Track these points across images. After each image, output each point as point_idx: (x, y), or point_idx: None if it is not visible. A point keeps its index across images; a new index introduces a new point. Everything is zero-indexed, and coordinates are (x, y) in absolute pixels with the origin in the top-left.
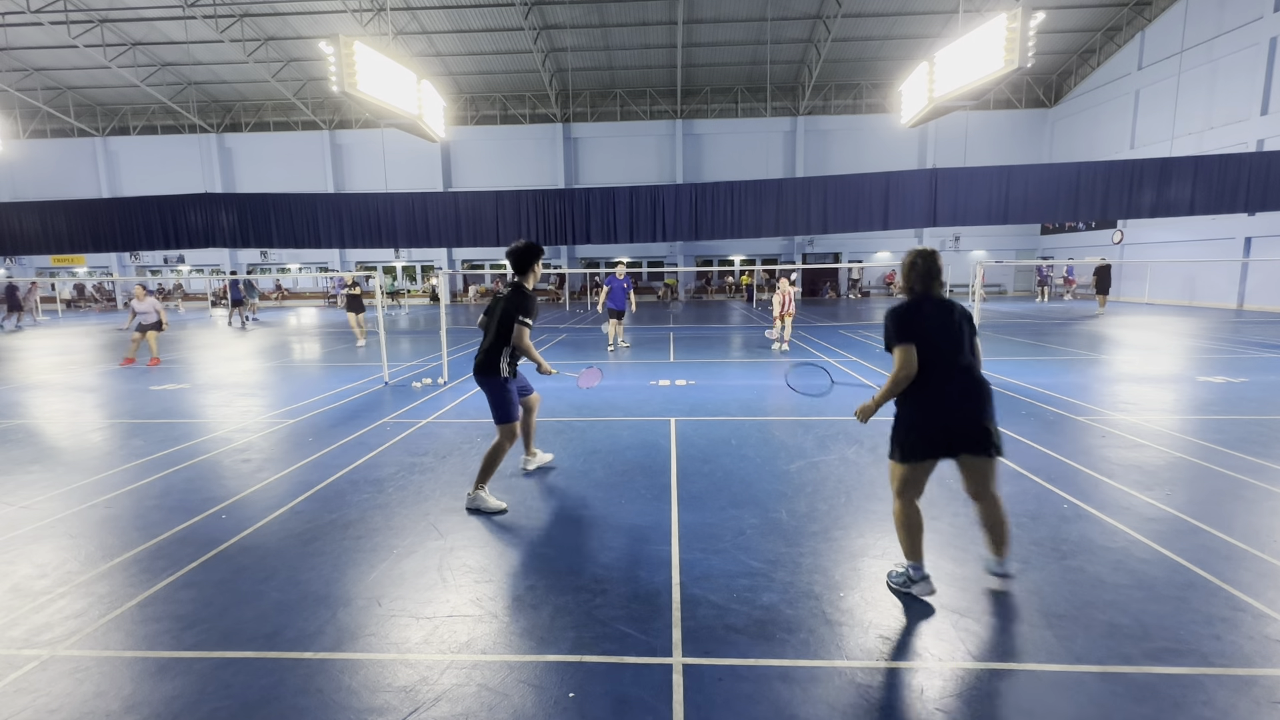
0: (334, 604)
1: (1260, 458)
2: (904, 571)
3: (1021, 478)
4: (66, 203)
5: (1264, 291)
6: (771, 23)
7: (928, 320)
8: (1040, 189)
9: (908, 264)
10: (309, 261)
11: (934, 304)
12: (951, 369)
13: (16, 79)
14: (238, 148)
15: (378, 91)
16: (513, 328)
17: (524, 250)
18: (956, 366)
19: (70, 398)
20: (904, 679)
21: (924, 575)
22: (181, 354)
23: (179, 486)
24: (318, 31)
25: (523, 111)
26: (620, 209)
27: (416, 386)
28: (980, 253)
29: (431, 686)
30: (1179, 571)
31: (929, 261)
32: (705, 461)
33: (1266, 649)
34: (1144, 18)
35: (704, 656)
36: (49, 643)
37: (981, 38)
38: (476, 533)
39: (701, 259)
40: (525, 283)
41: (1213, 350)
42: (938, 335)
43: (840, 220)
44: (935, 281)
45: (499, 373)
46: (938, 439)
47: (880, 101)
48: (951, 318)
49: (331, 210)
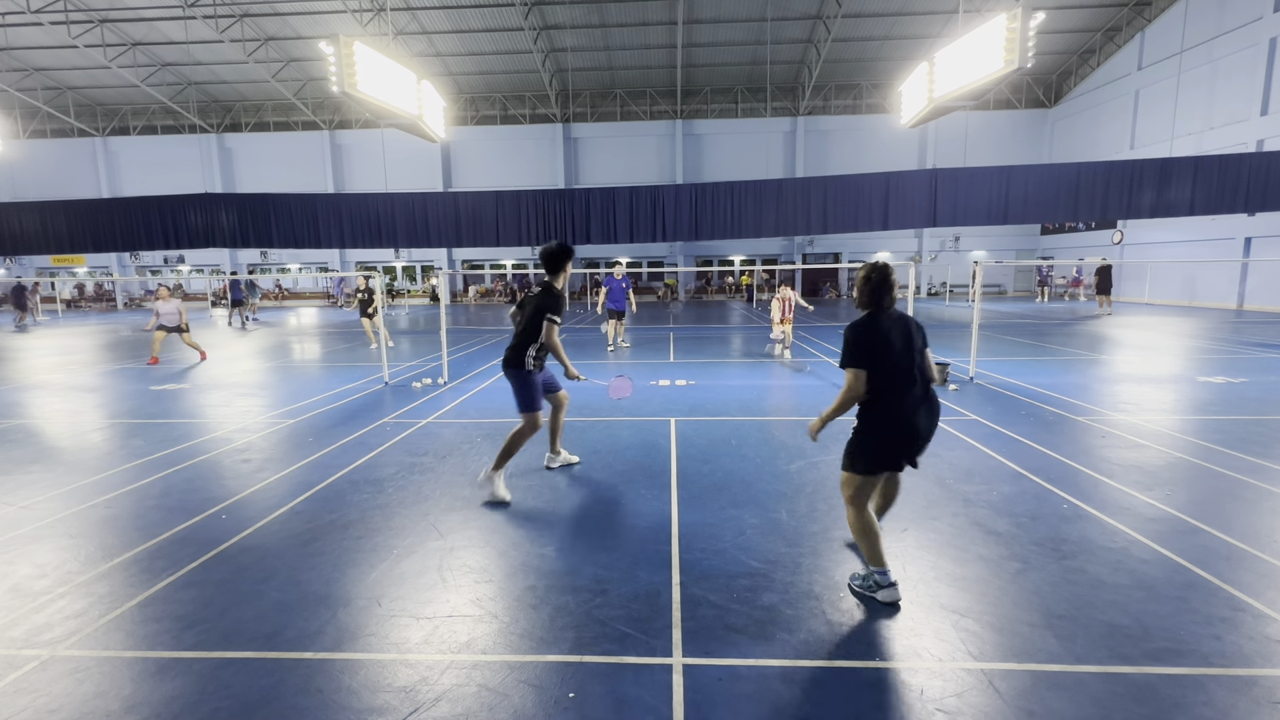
0: (334, 604)
1: (1260, 458)
2: (868, 576)
3: (1021, 478)
4: (66, 203)
5: (1264, 291)
6: (771, 23)
7: (884, 339)
8: (1040, 189)
9: (862, 278)
10: (309, 261)
11: (890, 320)
12: (910, 384)
13: (16, 79)
14: (238, 148)
15: (378, 92)
16: (542, 325)
17: (556, 251)
18: (914, 381)
19: (70, 398)
20: (904, 679)
21: (891, 581)
22: (181, 354)
23: (179, 486)
24: (318, 31)
25: (523, 111)
26: (620, 209)
27: (416, 387)
28: (980, 253)
29: (431, 687)
30: (1179, 572)
31: (883, 274)
32: (705, 461)
33: (1266, 649)
34: (1144, 18)
35: (704, 656)
36: (49, 643)
37: (981, 38)
38: (476, 533)
39: (701, 259)
40: (555, 282)
41: (1213, 350)
42: (894, 353)
43: (840, 220)
44: (889, 295)
45: (524, 365)
46: (900, 452)
47: (880, 101)
48: (907, 332)
49: (331, 210)
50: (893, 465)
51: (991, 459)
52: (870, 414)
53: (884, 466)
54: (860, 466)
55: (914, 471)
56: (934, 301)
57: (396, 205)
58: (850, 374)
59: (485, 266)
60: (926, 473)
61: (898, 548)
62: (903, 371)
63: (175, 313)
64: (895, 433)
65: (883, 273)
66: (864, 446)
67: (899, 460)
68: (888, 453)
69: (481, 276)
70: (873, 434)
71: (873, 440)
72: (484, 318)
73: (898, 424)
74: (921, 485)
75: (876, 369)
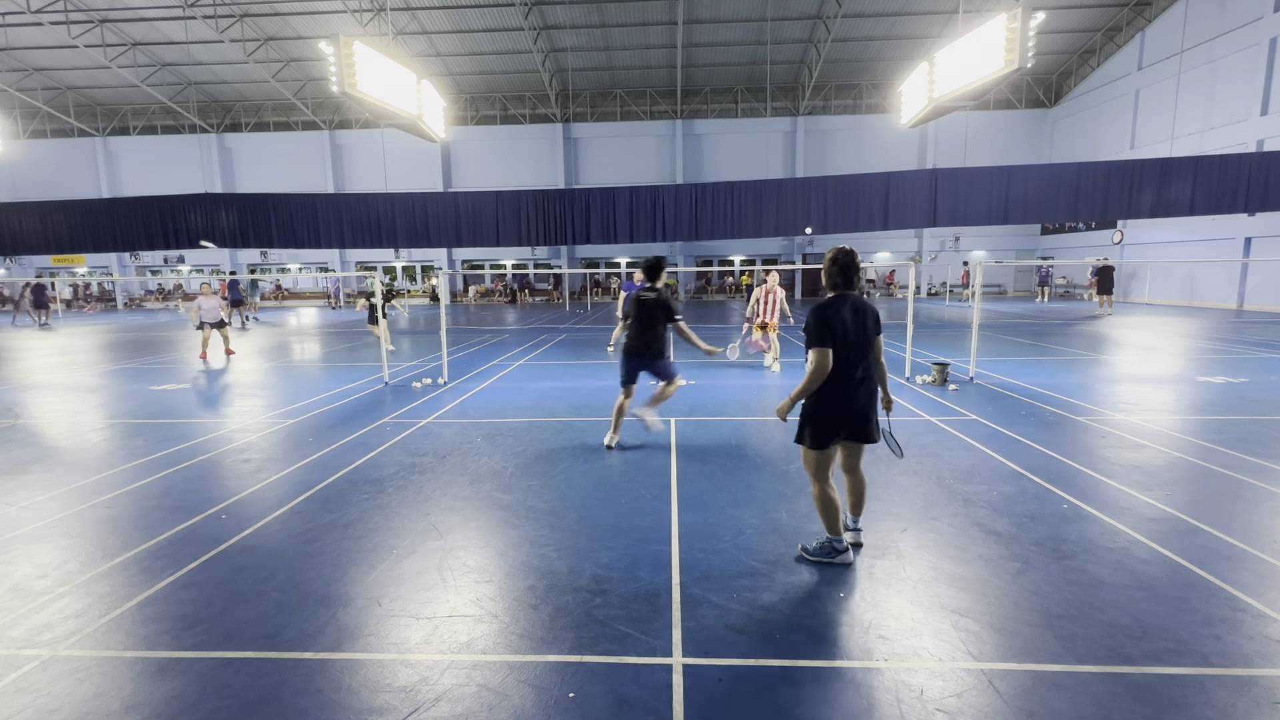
0: (334, 604)
1: (1260, 458)
2: (825, 544)
3: (1021, 478)
4: (66, 203)
5: (1264, 291)
6: (771, 23)
7: (845, 321)
8: (1040, 189)
9: (829, 260)
10: (309, 261)
11: (851, 304)
12: (857, 366)
13: (16, 79)
14: (238, 148)
15: (378, 92)
16: (674, 324)
17: (655, 263)
18: (860, 364)
19: (71, 398)
20: (904, 679)
21: (845, 547)
22: (182, 354)
23: (179, 486)
24: (318, 31)
25: (523, 111)
26: (620, 209)
27: (416, 387)
28: (980, 253)
29: (431, 687)
30: (1179, 572)
31: (849, 258)
32: (705, 462)
33: (1266, 649)
34: (1144, 18)
35: (704, 656)
36: (49, 643)
37: (981, 38)
38: (476, 533)
39: (701, 259)
40: (658, 284)
41: (1213, 350)
42: (850, 335)
43: (840, 220)
44: (855, 277)
45: (665, 353)
46: (841, 427)
47: (880, 101)
48: (863, 318)
49: (331, 210)
50: (835, 440)
51: (991, 459)
52: (816, 393)
53: (830, 440)
54: (809, 441)
55: (914, 471)
56: (934, 301)
57: (396, 205)
58: (817, 354)
59: (485, 266)
60: (927, 473)
61: (897, 548)
62: (851, 353)
63: (216, 309)
64: (835, 409)
65: (849, 256)
66: (810, 421)
67: (839, 436)
68: (832, 427)
69: (481, 276)
70: (818, 409)
71: (818, 415)
72: (484, 318)
73: (837, 401)
74: (921, 485)
75: (834, 348)
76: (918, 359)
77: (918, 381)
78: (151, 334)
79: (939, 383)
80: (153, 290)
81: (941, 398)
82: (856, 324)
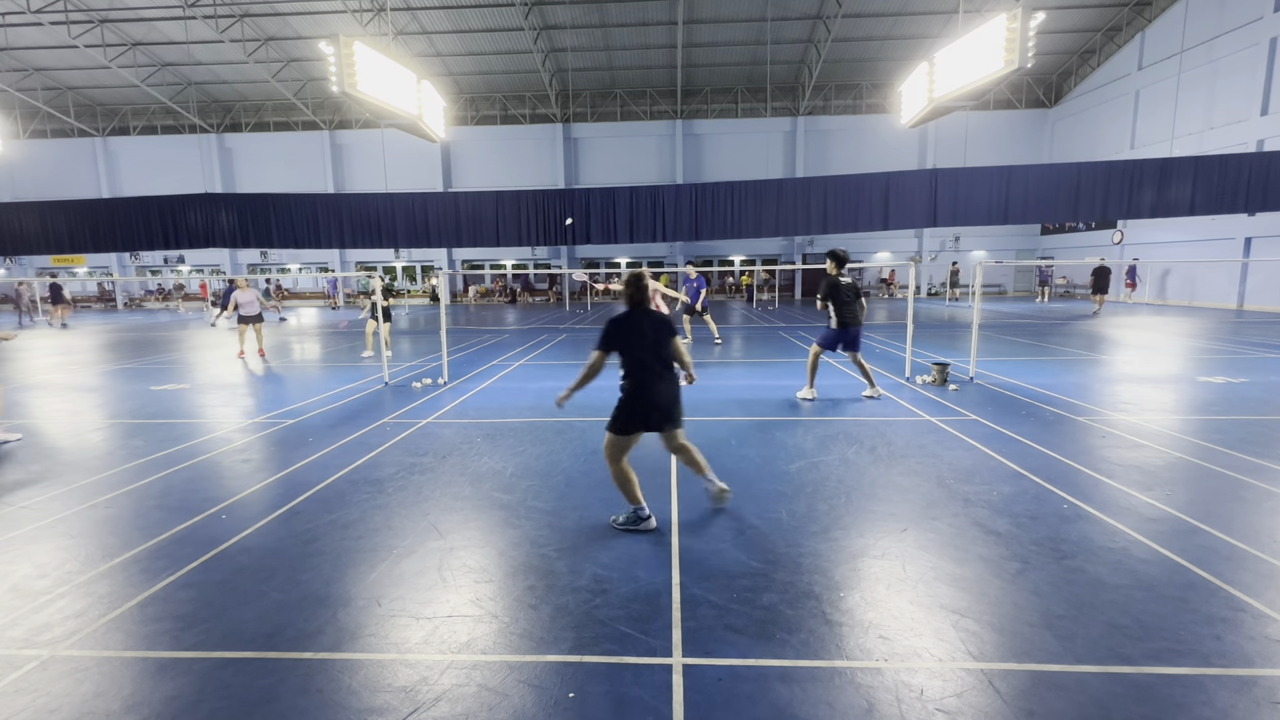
0: (334, 604)
1: (1260, 458)
2: (630, 514)
3: (1021, 478)
4: (66, 203)
5: (1264, 291)
6: (771, 23)
7: (636, 329)
8: (1040, 189)
9: (625, 282)
10: (309, 261)
11: (639, 315)
12: (653, 367)
13: (16, 79)
14: (238, 148)
15: (378, 92)
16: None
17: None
18: (656, 364)
19: (71, 397)
20: (904, 679)
21: (647, 514)
22: (182, 354)
23: (179, 486)
24: (318, 31)
25: (523, 111)
26: (620, 209)
27: (416, 387)
28: (980, 253)
29: (431, 687)
30: (1179, 572)
31: (638, 282)
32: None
33: (1267, 649)
34: (1144, 18)
35: (704, 656)
36: (49, 643)
37: (981, 38)
38: (476, 533)
39: (701, 259)
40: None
41: (1213, 350)
42: (644, 341)
43: (840, 220)
44: (645, 297)
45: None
46: (645, 419)
47: (880, 101)
48: (655, 327)
49: (331, 210)
50: (641, 427)
51: (991, 459)
52: (624, 386)
53: (633, 430)
54: (615, 427)
55: (914, 471)
56: (934, 301)
57: (396, 205)
58: (595, 355)
59: (485, 266)
60: (927, 473)
61: (897, 548)
62: (645, 356)
63: (254, 302)
64: (639, 402)
65: (638, 280)
66: (620, 411)
67: (645, 423)
68: (636, 417)
69: (481, 276)
70: (627, 401)
71: (626, 405)
72: (484, 318)
73: (640, 395)
74: (921, 485)
75: (628, 352)
76: (918, 359)
77: (918, 381)
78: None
79: (939, 383)
80: (152, 290)
81: (941, 398)
82: (650, 330)
